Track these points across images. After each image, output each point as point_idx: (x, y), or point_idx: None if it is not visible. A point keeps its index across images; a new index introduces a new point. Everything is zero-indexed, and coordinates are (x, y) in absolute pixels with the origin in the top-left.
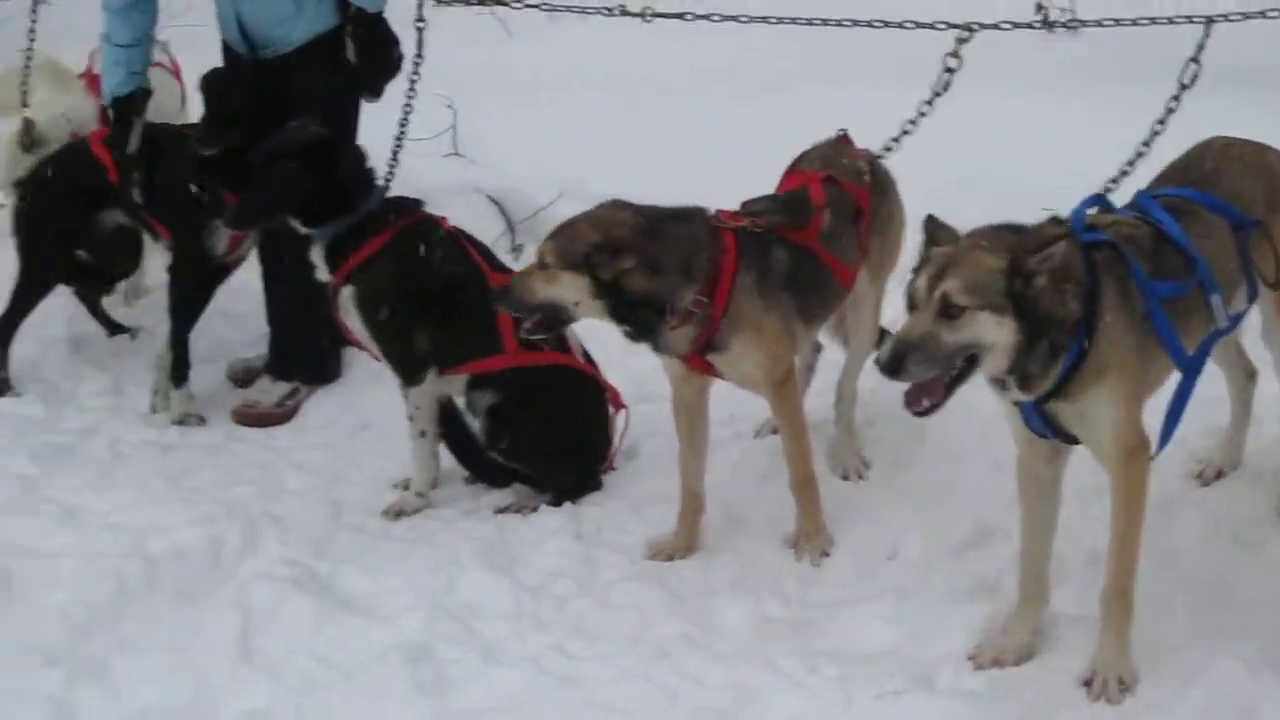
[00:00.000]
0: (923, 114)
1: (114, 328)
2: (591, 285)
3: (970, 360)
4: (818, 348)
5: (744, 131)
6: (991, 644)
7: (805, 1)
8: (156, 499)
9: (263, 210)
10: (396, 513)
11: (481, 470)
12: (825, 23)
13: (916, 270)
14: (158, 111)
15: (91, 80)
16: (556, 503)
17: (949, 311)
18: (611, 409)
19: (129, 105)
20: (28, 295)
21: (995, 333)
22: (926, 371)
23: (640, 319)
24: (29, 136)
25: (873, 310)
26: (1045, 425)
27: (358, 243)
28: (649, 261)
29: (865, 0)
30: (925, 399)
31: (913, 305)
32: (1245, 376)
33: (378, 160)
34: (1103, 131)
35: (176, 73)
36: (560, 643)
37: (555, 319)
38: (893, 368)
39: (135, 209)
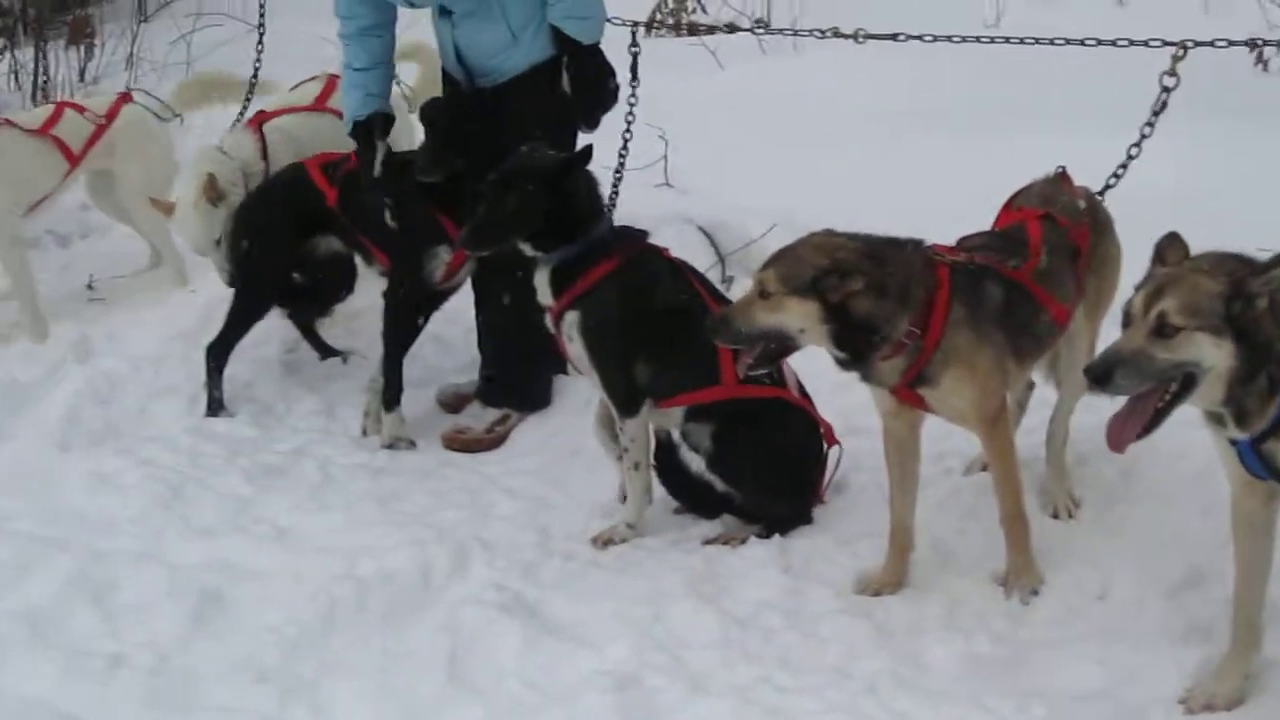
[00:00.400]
0: (1145, 135)
1: (326, 351)
2: (820, 310)
3: (1184, 384)
4: (1030, 385)
5: (959, 165)
6: (1203, 689)
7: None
8: (367, 521)
9: (500, 231)
10: (605, 541)
11: (692, 501)
12: (1038, 41)
13: (1137, 288)
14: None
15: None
16: (765, 535)
17: (1164, 330)
18: (825, 444)
19: (368, 129)
20: (243, 317)
21: (1211, 355)
22: (1134, 385)
23: (859, 345)
24: (214, 190)
25: (1087, 349)
26: (1262, 466)
27: (585, 269)
28: (874, 284)
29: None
30: (1129, 430)
31: (1128, 322)
32: None
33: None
34: None
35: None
36: (767, 674)
37: (778, 350)
38: (1100, 377)
39: (352, 234)
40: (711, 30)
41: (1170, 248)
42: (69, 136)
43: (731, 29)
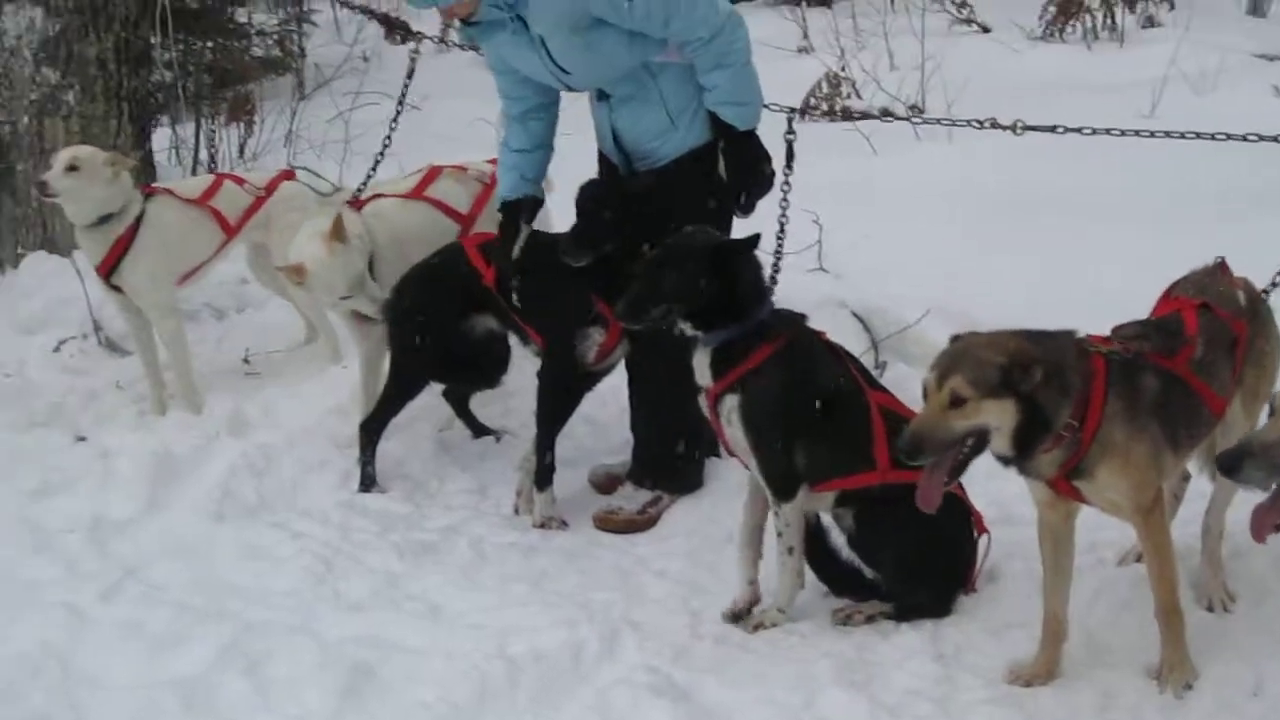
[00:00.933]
0: None
1: (480, 429)
2: (1015, 406)
3: None
4: (1186, 476)
5: (1116, 254)
6: None
7: (1167, 123)
8: (518, 600)
9: (653, 305)
10: (756, 625)
11: (842, 585)
12: (1199, 136)
13: None
14: (400, 241)
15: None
16: (898, 618)
17: None
18: (975, 531)
19: (517, 210)
20: (398, 394)
21: None
22: (1265, 478)
23: (1032, 439)
24: (340, 229)
25: None
26: None
27: (746, 351)
28: (1050, 374)
29: (1236, 121)
30: (1271, 519)
31: (1274, 410)
32: None
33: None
34: None
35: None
36: None
37: (970, 456)
38: (1229, 467)
39: (508, 314)
40: (865, 116)
41: None
42: (226, 207)
43: (886, 114)
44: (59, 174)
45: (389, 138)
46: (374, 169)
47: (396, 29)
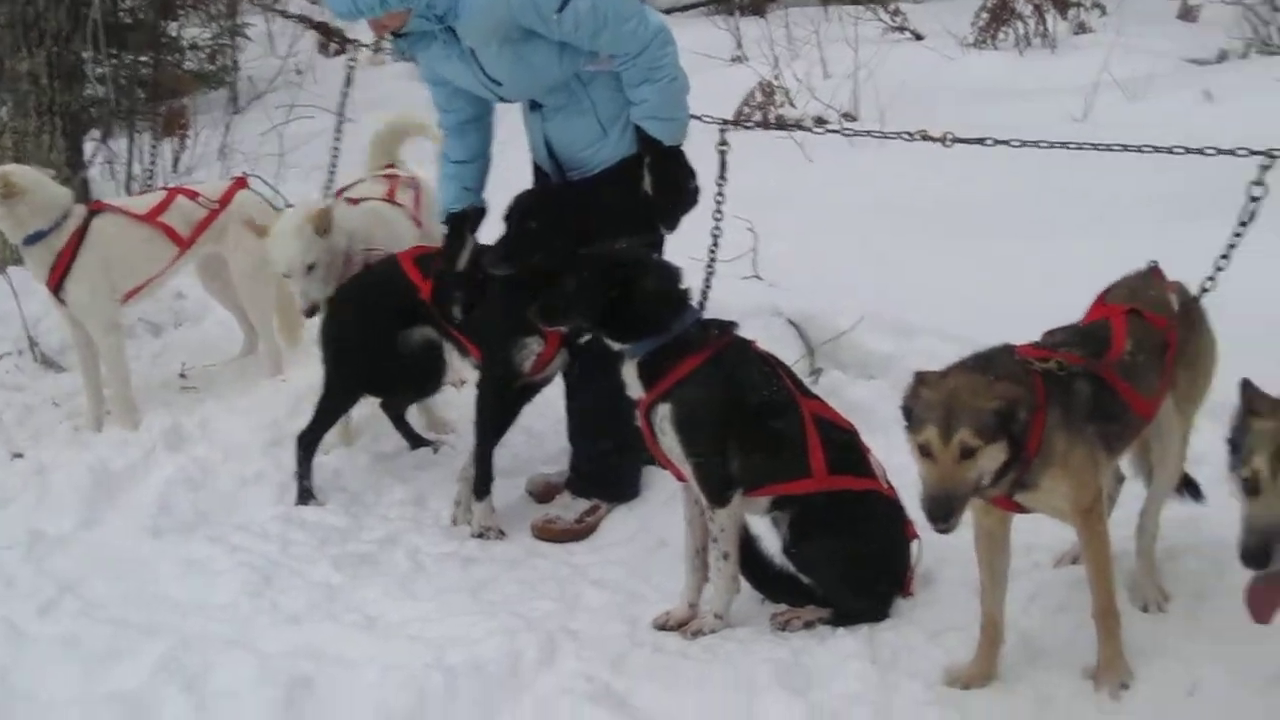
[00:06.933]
0: (1232, 246)
1: (416, 440)
2: (1008, 445)
3: None
4: (1120, 479)
5: (1048, 260)
6: None
7: (1098, 129)
8: (456, 610)
9: (559, 312)
10: (694, 632)
11: (778, 591)
12: (1125, 148)
13: (1242, 445)
14: (392, 242)
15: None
16: (836, 622)
17: None
18: (909, 536)
19: (461, 221)
20: (333, 407)
21: None
22: None
23: (1010, 469)
24: (326, 221)
25: (1178, 444)
26: None
27: (674, 361)
28: (1029, 407)
29: (1167, 127)
30: (1265, 600)
31: (1255, 489)
32: None
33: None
34: None
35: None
36: None
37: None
38: (1260, 559)
39: (445, 326)
40: (799, 126)
41: (1259, 396)
42: (178, 221)
43: (820, 123)
44: None
45: (336, 148)
46: (328, 185)
47: (334, 38)
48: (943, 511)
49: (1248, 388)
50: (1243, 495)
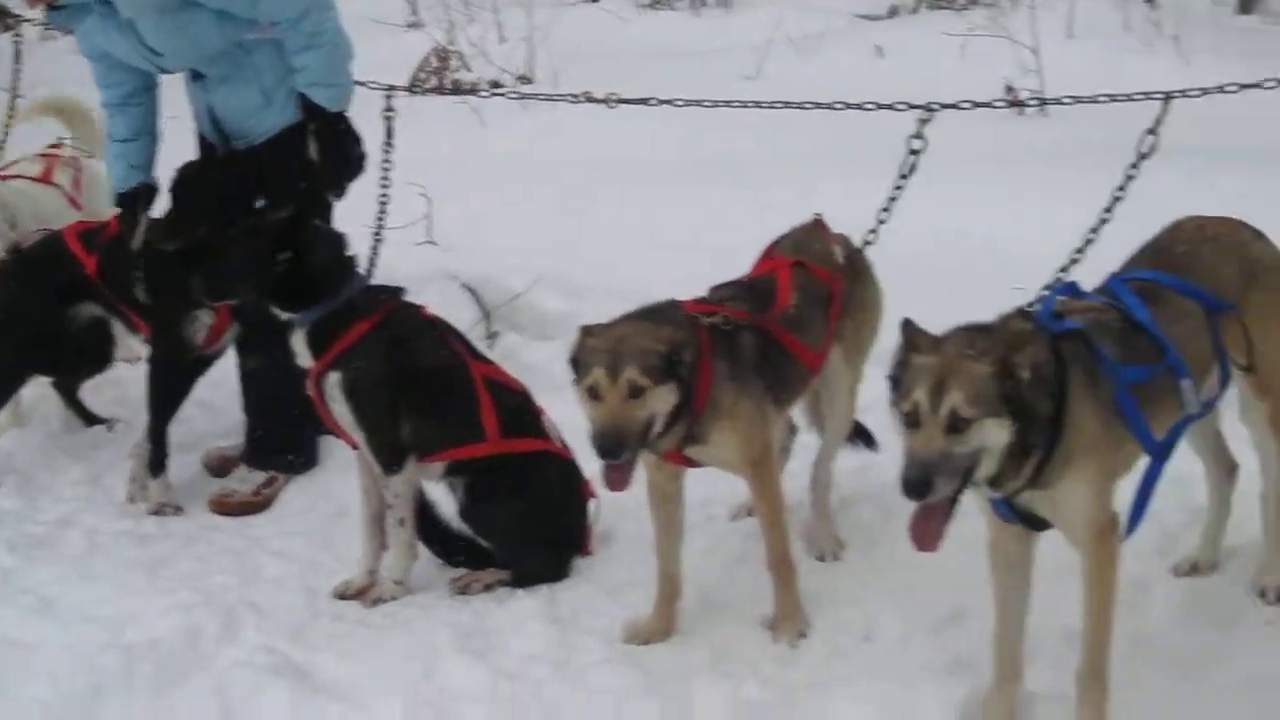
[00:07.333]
0: (893, 199)
1: (90, 418)
2: (678, 388)
3: (969, 471)
4: (793, 430)
5: (717, 217)
6: None
7: (771, 86)
8: (134, 589)
9: (226, 283)
10: (374, 600)
11: (455, 555)
12: (788, 105)
13: (903, 380)
14: (38, 223)
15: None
16: (515, 584)
17: (957, 425)
18: (585, 495)
19: (132, 200)
20: (2, 387)
21: (998, 435)
22: (951, 488)
23: (677, 419)
24: None
25: (848, 394)
26: (1013, 513)
27: (341, 329)
28: (695, 351)
29: (838, 83)
30: (937, 527)
31: (915, 421)
32: (1225, 472)
33: (354, 249)
34: (1074, 208)
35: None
36: None
37: (644, 443)
38: (920, 490)
39: (112, 301)
40: (474, 90)
41: (919, 334)
42: None
43: (496, 86)
44: None
45: (7, 127)
46: None
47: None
48: (612, 447)
49: (909, 326)
50: (904, 429)
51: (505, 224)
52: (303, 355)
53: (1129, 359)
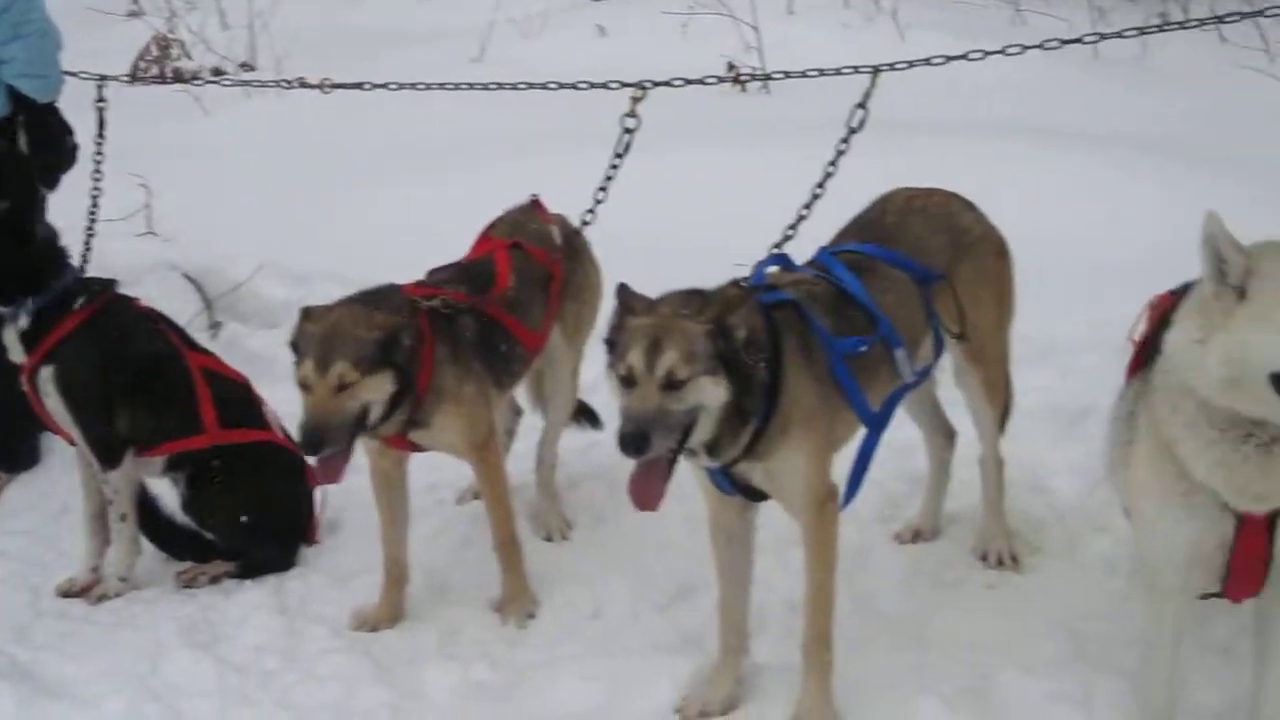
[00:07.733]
0: (609, 178)
1: None
2: (394, 375)
3: (686, 430)
4: (518, 412)
5: (440, 200)
6: (697, 696)
7: (495, 68)
8: None
9: None
10: (98, 596)
11: (180, 548)
12: (500, 86)
13: (619, 342)
14: None
15: None
16: (243, 575)
17: (673, 383)
18: (309, 484)
19: None
20: None
21: (714, 394)
22: (666, 444)
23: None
24: None
25: (570, 374)
26: (732, 485)
27: (53, 322)
28: (414, 335)
29: (561, 63)
30: (656, 486)
31: (631, 381)
32: (944, 438)
33: (68, 241)
34: (794, 184)
35: None
36: (267, 717)
37: (358, 433)
38: (638, 445)
39: None
40: (194, 79)
41: (634, 297)
42: None
43: (218, 74)
44: None
45: None
46: None
47: None
48: (315, 442)
49: (623, 290)
50: (620, 389)
51: (228, 213)
52: (15, 351)
53: (842, 330)
